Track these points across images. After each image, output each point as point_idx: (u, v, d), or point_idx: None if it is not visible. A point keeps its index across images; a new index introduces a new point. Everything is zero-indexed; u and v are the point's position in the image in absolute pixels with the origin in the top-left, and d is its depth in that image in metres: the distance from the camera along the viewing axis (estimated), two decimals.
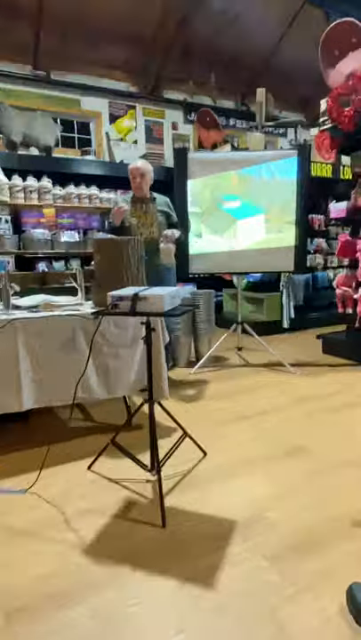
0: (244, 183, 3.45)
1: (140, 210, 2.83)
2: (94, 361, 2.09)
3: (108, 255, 2.15)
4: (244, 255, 3.53)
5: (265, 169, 3.40)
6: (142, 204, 2.83)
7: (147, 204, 2.84)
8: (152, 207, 2.83)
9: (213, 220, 3.54)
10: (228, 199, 3.47)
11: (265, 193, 3.44)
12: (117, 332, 2.13)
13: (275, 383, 3.17)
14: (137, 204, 2.83)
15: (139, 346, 2.21)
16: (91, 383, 2.08)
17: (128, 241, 2.15)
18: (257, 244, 3.54)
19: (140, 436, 2.22)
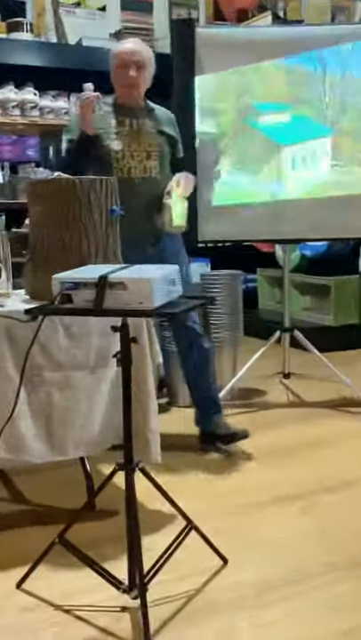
0: (295, 82, 3.47)
1: (130, 128, 2.81)
2: (28, 395, 2.11)
3: (52, 209, 2.16)
4: (296, 209, 3.55)
5: (333, 57, 3.43)
6: (133, 119, 2.82)
7: (140, 118, 2.83)
8: (149, 125, 2.83)
9: (241, 146, 3.55)
10: (268, 110, 3.49)
11: (333, 100, 3.46)
12: (70, 345, 2.15)
13: (348, 436, 3.18)
14: (124, 117, 2.82)
15: (108, 370, 2.22)
16: (22, 434, 2.09)
17: (91, 183, 2.17)
18: (318, 191, 3.56)
19: (110, 530, 2.22)
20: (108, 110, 2.81)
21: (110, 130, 2.79)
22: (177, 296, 1.76)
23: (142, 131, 2.81)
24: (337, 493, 2.54)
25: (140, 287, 1.61)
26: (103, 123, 2.77)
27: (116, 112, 2.83)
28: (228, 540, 2.19)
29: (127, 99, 2.82)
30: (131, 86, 2.79)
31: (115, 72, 2.83)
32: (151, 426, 2.25)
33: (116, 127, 2.79)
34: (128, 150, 2.77)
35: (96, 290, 1.64)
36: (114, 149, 2.76)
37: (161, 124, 2.86)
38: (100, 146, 2.77)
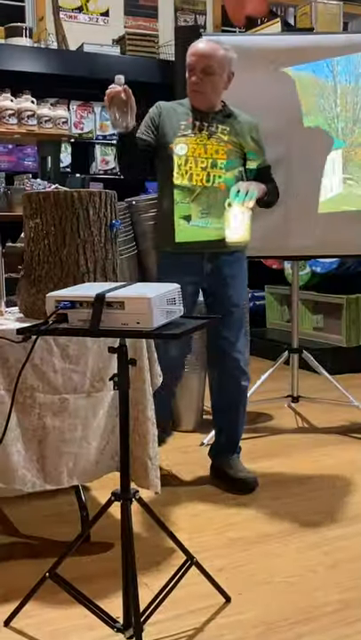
0: (305, 92, 3.48)
1: (199, 132, 2.74)
2: (20, 420, 2.10)
3: (49, 223, 2.17)
4: (307, 223, 3.55)
5: (345, 66, 3.44)
6: (204, 123, 2.75)
7: (214, 123, 2.76)
8: (222, 131, 2.76)
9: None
10: None
11: (344, 111, 3.47)
12: (64, 368, 2.15)
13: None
14: (196, 120, 2.76)
15: (105, 393, 2.22)
16: (13, 461, 2.08)
17: (90, 196, 2.17)
18: (329, 205, 3.56)
19: (105, 564, 2.21)
20: (183, 111, 2.77)
21: (178, 132, 2.73)
22: (178, 316, 1.75)
23: (212, 137, 2.73)
24: (348, 526, 2.52)
25: (138, 306, 1.61)
26: (171, 123, 2.74)
27: (190, 114, 2.76)
28: (231, 576, 2.17)
29: (195, 103, 2.76)
30: (195, 92, 2.73)
31: (187, 77, 2.76)
32: (150, 453, 2.24)
33: (184, 129, 2.73)
34: (192, 156, 2.71)
35: (92, 309, 1.63)
36: (177, 153, 2.71)
37: (237, 132, 2.77)
38: (164, 147, 2.74)
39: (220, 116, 2.77)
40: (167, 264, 2.83)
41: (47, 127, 4.41)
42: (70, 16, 6.01)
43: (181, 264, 2.73)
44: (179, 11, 6.45)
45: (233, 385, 2.87)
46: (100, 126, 5.75)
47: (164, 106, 2.80)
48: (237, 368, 2.86)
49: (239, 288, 2.85)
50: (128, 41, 5.67)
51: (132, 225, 3.61)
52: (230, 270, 2.81)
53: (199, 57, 2.69)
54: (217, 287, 2.81)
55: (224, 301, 2.80)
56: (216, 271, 2.79)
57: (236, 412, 2.91)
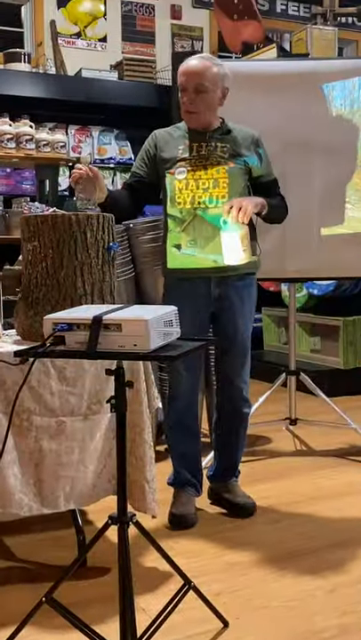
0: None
1: (197, 153, 2.66)
2: (17, 443, 2.10)
3: (47, 245, 2.18)
4: (304, 246, 3.57)
5: (340, 91, 3.48)
6: (202, 143, 2.67)
7: (213, 142, 2.67)
8: (222, 148, 2.66)
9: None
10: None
11: (341, 134, 3.50)
12: (61, 390, 2.15)
13: (360, 489, 3.14)
14: (193, 141, 2.67)
15: (102, 416, 2.21)
16: (9, 484, 2.07)
17: (88, 219, 2.19)
18: (326, 228, 3.58)
19: (102, 589, 2.20)
20: (180, 134, 2.70)
21: (177, 156, 2.66)
22: (175, 338, 1.76)
23: (212, 156, 2.63)
24: (347, 549, 2.50)
25: (135, 328, 1.61)
26: (170, 149, 2.68)
27: (187, 136, 2.69)
28: (229, 600, 2.15)
29: (190, 124, 2.68)
30: (188, 113, 2.64)
31: (180, 94, 2.67)
32: (147, 476, 2.23)
33: (182, 153, 2.66)
34: (193, 178, 2.62)
35: (90, 331, 1.64)
36: (177, 178, 2.64)
37: (237, 147, 2.67)
38: (164, 175, 2.67)
39: (217, 133, 2.68)
40: (174, 290, 2.74)
41: (45, 151, 4.45)
42: (68, 42, 6.08)
43: (189, 290, 2.67)
44: (176, 36, 6.53)
45: (234, 412, 2.84)
46: (98, 150, 5.79)
47: (160, 134, 2.75)
48: (240, 396, 2.82)
49: (246, 315, 2.78)
50: (126, 66, 5.73)
51: (129, 247, 3.63)
52: (238, 296, 2.73)
53: (190, 75, 2.59)
54: (223, 311, 2.73)
55: (229, 327, 2.74)
56: (224, 296, 2.71)
57: (236, 436, 2.88)
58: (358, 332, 5.05)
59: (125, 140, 5.83)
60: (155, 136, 2.76)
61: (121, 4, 6.29)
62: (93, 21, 6.21)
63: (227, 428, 2.88)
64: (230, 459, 2.91)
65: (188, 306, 2.48)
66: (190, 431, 2.85)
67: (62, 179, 5.37)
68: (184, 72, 2.61)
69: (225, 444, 2.91)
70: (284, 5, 7.06)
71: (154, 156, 2.71)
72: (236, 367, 2.79)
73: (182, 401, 2.78)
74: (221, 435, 2.91)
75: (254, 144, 2.72)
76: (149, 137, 2.78)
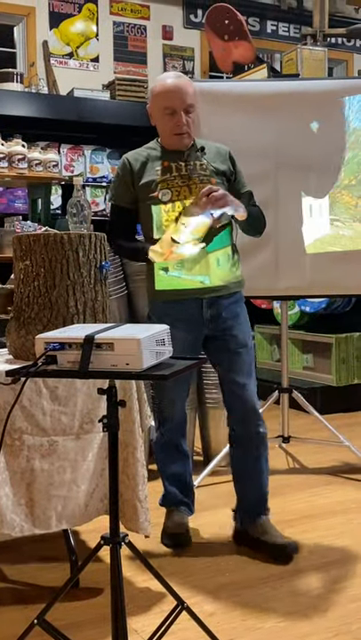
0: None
1: (177, 173, 2.57)
2: (8, 463, 2.09)
3: (39, 264, 2.18)
4: (296, 263, 3.59)
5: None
6: (180, 162, 2.58)
7: (190, 160, 2.59)
8: (200, 166, 2.59)
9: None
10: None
11: (329, 151, 3.53)
12: (53, 410, 2.14)
13: (353, 508, 3.14)
14: (171, 161, 2.58)
15: (94, 435, 2.21)
16: (0, 506, 2.06)
17: (80, 238, 2.19)
18: (318, 245, 3.60)
19: (94, 610, 2.19)
20: (155, 155, 2.60)
21: (157, 177, 2.56)
22: (167, 357, 1.76)
23: (193, 174, 2.55)
24: (341, 568, 2.49)
25: (127, 347, 1.61)
26: (147, 171, 2.58)
27: (162, 157, 2.59)
28: (222, 621, 2.14)
29: (179, 145, 2.58)
30: (180, 135, 2.55)
31: (160, 118, 2.56)
32: (140, 495, 2.22)
33: (162, 174, 2.55)
34: (178, 199, 2.52)
35: (82, 350, 1.64)
36: (162, 200, 2.53)
37: (214, 162, 2.60)
38: (146, 198, 2.56)
39: (192, 151, 2.60)
40: (162, 313, 2.58)
41: (38, 170, 4.46)
42: (61, 62, 6.12)
43: (180, 312, 2.56)
44: (167, 57, 6.59)
45: (251, 435, 2.63)
46: (91, 169, 5.82)
47: (132, 157, 2.63)
48: (254, 415, 2.63)
49: (244, 327, 2.66)
50: (118, 86, 5.77)
51: (121, 266, 3.64)
52: (231, 312, 2.63)
53: (178, 97, 2.51)
54: (220, 331, 2.62)
55: (230, 344, 2.61)
56: (217, 316, 2.61)
57: (258, 462, 2.65)
58: (350, 349, 5.07)
59: (117, 159, 5.86)
60: (126, 162, 2.63)
61: (113, 24, 6.35)
62: (85, 42, 6.26)
63: (246, 455, 2.65)
64: (257, 491, 2.67)
65: (179, 329, 2.37)
66: (180, 450, 2.79)
67: (54, 197, 5.39)
68: (169, 92, 2.52)
69: (248, 476, 2.67)
70: (274, 26, 7.14)
71: (132, 183, 2.60)
72: (246, 384, 2.62)
73: (171, 422, 2.73)
74: (241, 466, 2.68)
75: (229, 158, 2.67)
76: (121, 164, 2.67)
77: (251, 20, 6.87)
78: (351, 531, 2.85)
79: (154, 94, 2.57)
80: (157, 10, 6.47)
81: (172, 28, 6.59)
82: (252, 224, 2.67)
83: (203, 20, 5.67)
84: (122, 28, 6.39)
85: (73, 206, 2.46)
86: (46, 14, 6.07)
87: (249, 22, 6.77)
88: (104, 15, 6.28)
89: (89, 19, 6.26)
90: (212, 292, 2.58)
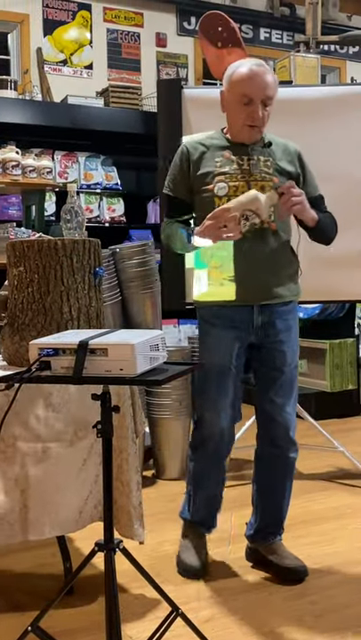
0: None
1: (239, 167, 2.38)
2: (2, 469, 2.09)
3: (33, 270, 2.18)
4: None
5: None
6: (243, 156, 2.40)
7: (254, 155, 2.40)
8: (264, 162, 2.40)
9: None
10: None
11: (323, 159, 3.53)
12: (47, 416, 2.14)
13: (347, 513, 3.14)
14: (234, 154, 2.40)
15: (88, 441, 2.20)
16: None
17: (74, 244, 2.19)
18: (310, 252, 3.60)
19: (89, 616, 2.18)
20: (217, 145, 2.43)
21: (215, 170, 2.38)
22: (162, 362, 1.76)
23: (255, 170, 2.36)
24: (335, 574, 2.49)
25: (121, 353, 1.61)
26: (206, 161, 2.40)
27: (225, 148, 2.41)
28: (218, 627, 2.13)
29: (249, 139, 2.39)
30: (253, 127, 2.36)
31: (234, 106, 2.36)
32: (134, 502, 2.21)
33: (221, 166, 2.38)
34: (235, 195, 2.32)
35: (75, 356, 1.64)
36: (217, 194, 2.36)
37: (279, 160, 2.41)
38: (201, 190, 2.40)
39: (258, 146, 2.41)
40: (212, 317, 2.44)
41: (31, 177, 4.46)
42: (55, 69, 6.13)
43: (230, 317, 2.40)
44: (161, 64, 6.61)
45: (280, 458, 2.48)
46: (85, 176, 5.82)
47: (192, 146, 2.45)
48: (286, 438, 2.45)
49: (294, 343, 2.48)
50: (111, 93, 5.79)
51: (116, 272, 3.64)
52: (284, 323, 2.43)
53: (258, 86, 2.31)
54: (268, 343, 2.42)
55: (276, 360, 2.42)
56: (269, 324, 2.40)
57: (282, 489, 2.51)
58: (344, 354, 5.07)
59: (112, 166, 5.87)
60: (185, 150, 2.45)
61: (107, 31, 6.36)
62: (79, 49, 6.27)
63: (270, 477, 2.51)
64: (275, 515, 2.53)
65: (226, 335, 2.38)
66: (223, 471, 2.56)
67: (48, 204, 5.40)
68: (250, 80, 2.31)
69: (268, 498, 2.53)
70: (267, 33, 7.18)
71: (188, 173, 2.43)
72: (283, 403, 2.43)
73: (215, 438, 2.45)
74: (263, 486, 2.53)
75: (298, 158, 2.49)
76: (179, 152, 2.49)
77: (244, 28, 6.90)
78: (346, 536, 2.85)
79: (232, 80, 2.35)
80: (151, 17, 6.49)
81: (166, 35, 6.61)
82: (322, 231, 2.49)
83: (196, 27, 5.70)
84: (115, 36, 6.40)
85: (67, 213, 2.46)
86: (40, 21, 6.09)
87: (242, 30, 6.80)
88: (98, 22, 6.30)
89: (83, 26, 6.27)
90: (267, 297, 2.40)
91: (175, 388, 3.63)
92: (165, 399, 3.63)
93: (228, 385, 2.43)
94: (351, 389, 5.06)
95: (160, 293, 3.63)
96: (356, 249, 3.49)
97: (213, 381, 2.43)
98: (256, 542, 2.57)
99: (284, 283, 2.44)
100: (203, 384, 2.47)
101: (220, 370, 2.42)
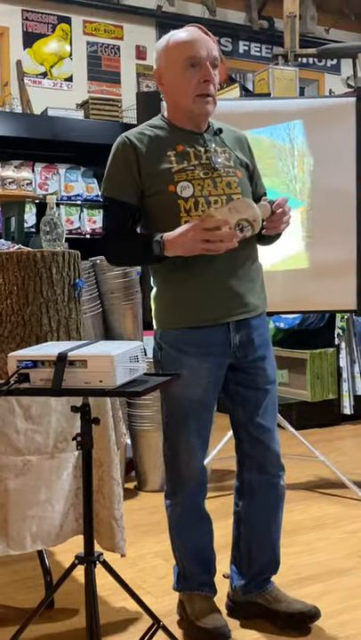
0: (264, 155, 3.58)
1: (197, 161, 2.00)
2: None
3: (12, 282, 2.17)
4: (270, 280, 3.58)
5: (301, 129, 3.55)
6: (199, 148, 2.02)
7: (210, 145, 2.04)
8: (222, 153, 2.05)
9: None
10: None
11: (301, 172, 3.57)
12: (27, 429, 2.12)
13: (329, 523, 3.14)
14: (186, 145, 2.01)
15: (69, 454, 2.19)
16: None
17: (53, 256, 2.19)
18: (289, 262, 3.62)
19: (70, 630, 2.17)
20: (164, 136, 2.02)
21: (172, 166, 1.98)
22: (142, 373, 1.76)
23: (216, 163, 2.00)
24: (317, 584, 2.49)
25: (100, 364, 1.61)
26: (158, 156, 1.99)
27: (175, 138, 2.01)
28: None
29: (205, 113, 2.00)
30: (207, 98, 1.97)
31: (177, 74, 1.96)
32: (115, 514, 2.20)
33: (177, 161, 1.98)
34: (201, 195, 1.96)
35: (55, 368, 1.63)
36: (182, 196, 1.96)
37: (234, 149, 2.08)
38: (159, 192, 1.98)
39: (209, 134, 2.06)
40: (181, 343, 2.04)
41: (11, 189, 4.46)
42: (35, 81, 6.14)
43: (203, 340, 2.02)
44: (141, 76, 6.63)
45: (273, 487, 2.20)
46: (65, 187, 5.82)
47: (135, 136, 2.02)
48: (278, 463, 2.19)
49: (272, 357, 2.17)
50: (92, 105, 5.80)
51: (96, 284, 3.64)
52: (261, 337, 2.11)
53: (207, 45, 1.97)
54: (248, 362, 2.10)
55: (258, 378, 2.12)
56: (247, 342, 2.07)
57: (276, 522, 2.23)
58: (325, 364, 5.09)
59: (92, 178, 5.88)
60: (127, 142, 2.01)
61: (86, 44, 6.38)
62: (59, 61, 6.29)
63: (263, 510, 2.19)
64: (270, 553, 2.22)
65: (205, 361, 2.02)
66: (203, 517, 2.19)
67: (28, 216, 5.38)
68: (196, 41, 1.97)
69: (263, 535, 2.20)
70: (246, 46, 7.24)
71: (137, 171, 1.99)
72: (271, 426, 2.17)
73: (195, 480, 2.13)
74: (255, 522, 2.20)
75: (248, 148, 2.17)
76: (118, 146, 2.03)
77: (223, 41, 6.96)
78: (327, 546, 2.85)
79: (170, 45, 1.99)
80: (131, 30, 6.52)
81: (146, 47, 6.64)
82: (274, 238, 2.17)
83: None
84: (95, 48, 6.42)
85: (46, 224, 2.45)
86: (20, 34, 6.09)
87: (221, 42, 6.86)
88: (78, 35, 6.32)
89: (63, 39, 6.28)
90: (243, 312, 2.06)
91: (156, 399, 3.61)
92: (147, 410, 3.62)
93: (207, 422, 2.11)
94: (332, 399, 5.08)
95: (141, 305, 3.63)
96: (335, 259, 3.51)
97: (191, 421, 2.06)
98: (250, 593, 2.20)
99: (258, 292, 2.12)
100: (176, 422, 2.09)
101: (199, 407, 2.07)
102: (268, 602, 2.19)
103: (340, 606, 2.32)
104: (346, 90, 7.26)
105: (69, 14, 6.28)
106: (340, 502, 3.39)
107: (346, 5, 6.99)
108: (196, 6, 6.69)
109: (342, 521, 3.13)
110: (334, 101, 3.77)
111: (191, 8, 6.72)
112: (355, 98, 3.51)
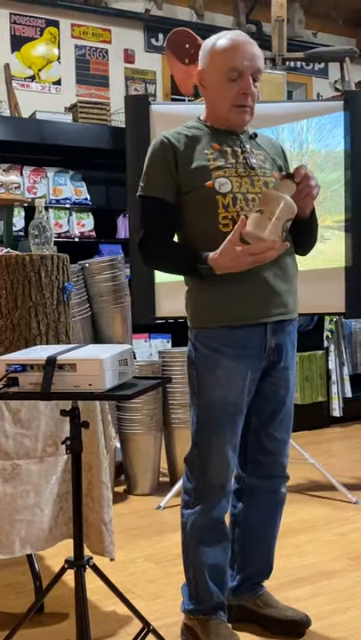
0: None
1: (235, 160, 2.00)
2: None
3: (0, 286, 2.17)
4: None
5: (289, 133, 3.57)
6: (236, 148, 2.03)
7: (246, 147, 2.04)
8: (257, 155, 2.05)
9: None
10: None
11: None
12: (16, 433, 2.12)
13: (318, 525, 3.15)
14: (224, 145, 2.02)
15: (58, 458, 2.19)
16: None
17: (42, 259, 2.19)
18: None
19: (60, 635, 2.17)
20: (200, 135, 2.02)
21: (209, 163, 1.97)
22: (131, 377, 1.76)
23: (253, 163, 2.01)
24: (307, 587, 2.49)
25: (89, 368, 1.61)
26: (196, 154, 1.99)
27: (212, 138, 2.02)
28: None
29: (234, 124, 2.02)
30: (244, 109, 1.99)
31: (219, 83, 1.97)
32: (105, 518, 2.20)
33: (215, 160, 1.98)
34: (239, 192, 1.95)
35: (44, 372, 1.63)
36: (220, 192, 1.94)
37: (271, 155, 2.09)
38: (198, 187, 1.96)
39: (245, 136, 2.07)
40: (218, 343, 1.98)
41: None
42: (23, 85, 6.12)
43: (240, 342, 1.97)
44: (129, 80, 6.63)
45: (275, 495, 2.18)
46: (54, 191, 5.80)
47: (172, 137, 2.02)
48: (283, 474, 2.16)
49: (295, 370, 2.14)
50: (80, 108, 5.79)
51: (85, 287, 3.63)
52: (292, 345, 2.09)
53: (250, 57, 1.96)
54: (276, 369, 2.05)
55: (280, 389, 2.07)
56: (280, 347, 2.03)
57: (274, 527, 2.22)
58: (314, 367, 5.11)
59: (81, 181, 5.86)
60: (167, 142, 2.00)
61: (75, 47, 6.37)
62: (47, 65, 6.27)
63: (262, 515, 2.17)
64: (265, 558, 2.21)
65: (241, 363, 1.97)
66: (226, 533, 2.09)
67: (17, 219, 5.36)
68: (240, 51, 1.95)
69: (260, 539, 2.18)
70: None
71: (174, 169, 1.99)
72: (285, 440, 2.13)
73: (224, 490, 2.04)
74: (253, 525, 2.17)
75: (283, 154, 2.19)
76: (158, 145, 2.02)
77: None
78: (317, 549, 2.86)
79: (215, 51, 1.98)
80: (119, 33, 6.52)
81: (134, 51, 6.64)
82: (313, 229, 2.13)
83: (164, 43, 5.74)
84: (84, 52, 6.41)
85: (35, 228, 2.45)
86: (8, 37, 6.07)
87: None
88: (66, 39, 6.31)
89: (51, 42, 6.28)
90: (281, 314, 2.02)
91: (146, 402, 3.62)
92: (136, 414, 3.62)
93: (239, 428, 2.03)
94: (321, 401, 5.10)
95: (130, 308, 3.63)
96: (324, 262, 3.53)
97: (224, 425, 1.99)
98: (241, 595, 2.18)
99: (294, 294, 2.06)
100: (209, 427, 2.00)
101: (234, 411, 1.99)
102: (258, 607, 2.18)
103: (330, 608, 2.32)
104: (334, 93, 7.29)
105: (57, 18, 6.27)
106: (330, 505, 3.40)
107: (333, 9, 7.01)
108: (184, 10, 6.70)
109: (332, 523, 3.14)
110: (322, 105, 3.79)
111: (179, 12, 6.72)
112: (342, 101, 3.54)
